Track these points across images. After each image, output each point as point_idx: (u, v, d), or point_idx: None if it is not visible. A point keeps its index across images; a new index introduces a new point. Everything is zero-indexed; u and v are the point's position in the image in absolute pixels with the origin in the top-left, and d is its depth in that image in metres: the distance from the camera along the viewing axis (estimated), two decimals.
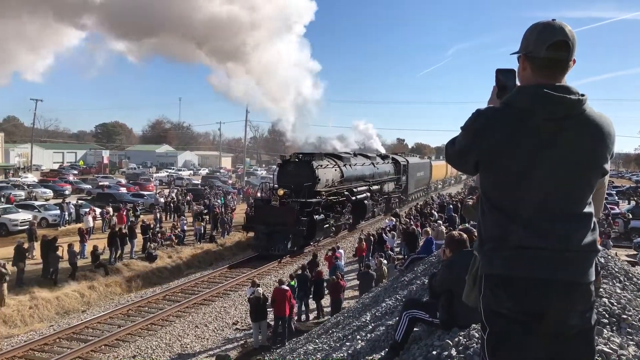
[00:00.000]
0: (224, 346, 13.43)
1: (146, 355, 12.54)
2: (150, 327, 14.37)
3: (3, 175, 67.09)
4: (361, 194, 30.19)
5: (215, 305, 16.41)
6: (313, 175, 24.49)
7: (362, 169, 31.80)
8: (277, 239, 22.62)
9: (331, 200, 26.11)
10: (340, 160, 29.30)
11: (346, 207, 28.24)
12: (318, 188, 24.76)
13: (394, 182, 38.62)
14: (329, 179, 26.41)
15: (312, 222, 23.40)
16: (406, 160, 42.58)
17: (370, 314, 8.48)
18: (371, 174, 33.19)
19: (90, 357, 12.23)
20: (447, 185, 66.31)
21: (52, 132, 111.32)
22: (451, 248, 4.95)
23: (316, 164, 25.28)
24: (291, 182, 24.14)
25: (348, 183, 28.94)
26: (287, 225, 22.50)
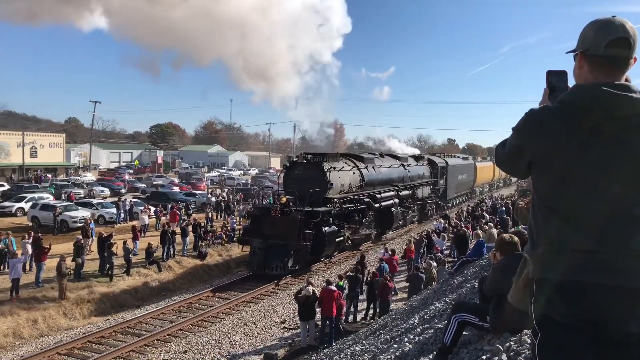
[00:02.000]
0: (271, 344, 13.56)
1: (196, 351, 12.82)
2: (201, 323, 14.69)
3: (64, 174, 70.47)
4: (387, 200, 26.42)
5: (263, 304, 16.61)
6: (324, 180, 21.20)
7: (389, 171, 28.30)
8: (275, 255, 19.09)
9: (347, 208, 22.53)
10: (361, 162, 25.78)
11: (367, 216, 24.72)
12: (330, 194, 21.49)
13: (430, 186, 34.97)
14: (346, 184, 23.15)
15: (321, 235, 20.03)
16: (445, 161, 38.67)
17: (418, 316, 8.38)
18: (400, 177, 29.57)
19: (144, 351, 12.61)
20: (494, 188, 60.73)
21: (109, 132, 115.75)
22: (502, 251, 4.82)
23: (328, 166, 21.89)
24: (298, 188, 20.86)
25: (370, 188, 25.43)
26: (289, 239, 19.17)
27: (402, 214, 29.51)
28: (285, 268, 18.98)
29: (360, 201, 23.61)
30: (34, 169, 68.30)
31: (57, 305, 16.17)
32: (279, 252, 19.06)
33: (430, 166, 35.39)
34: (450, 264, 15.30)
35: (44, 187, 47.50)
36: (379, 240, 26.95)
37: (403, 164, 30.73)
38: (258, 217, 20.88)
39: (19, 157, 67.75)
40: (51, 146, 73.45)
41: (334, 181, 21.75)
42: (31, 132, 76.02)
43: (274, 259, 18.98)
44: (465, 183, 44.82)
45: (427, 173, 34.51)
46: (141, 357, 12.23)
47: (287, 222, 19.42)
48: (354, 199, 23.26)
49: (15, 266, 16.94)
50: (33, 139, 72.32)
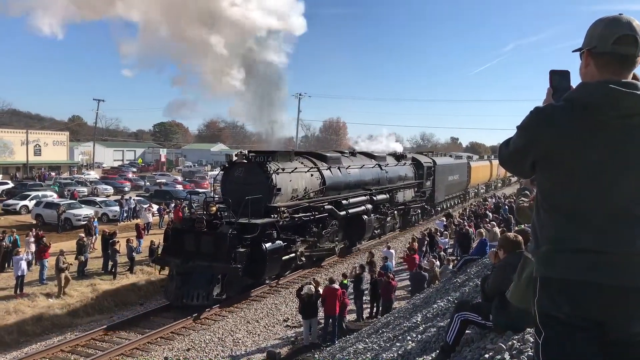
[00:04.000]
0: (274, 343, 13.59)
1: (200, 348, 12.86)
2: (204, 321, 14.72)
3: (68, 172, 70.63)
4: (356, 206, 22.69)
5: (266, 302, 16.64)
6: (268, 184, 17.32)
7: (360, 172, 24.24)
8: (197, 281, 15.15)
9: (301, 218, 18.64)
10: (323, 162, 21.83)
11: (330, 226, 20.90)
12: (277, 201, 17.69)
13: (414, 188, 31.06)
14: (300, 188, 19.34)
15: (261, 254, 15.93)
16: (432, 160, 34.31)
17: (421, 315, 8.39)
18: (375, 179, 25.67)
19: (147, 349, 12.66)
20: (491, 189, 56.54)
21: (112, 131, 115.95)
22: (506, 249, 4.83)
23: (275, 166, 17.99)
24: (237, 194, 16.86)
25: (335, 192, 21.66)
26: (217, 259, 15.17)
27: (378, 221, 25.82)
28: (208, 297, 14.89)
29: (319, 209, 19.77)
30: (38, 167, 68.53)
31: (61, 303, 16.24)
32: (201, 277, 15.12)
33: (414, 166, 31.65)
34: (453, 263, 15.32)
35: (47, 185, 47.61)
36: (348, 253, 23.53)
37: (379, 164, 26.77)
38: (179, 232, 16.54)
39: (22, 155, 67.92)
40: (55, 144, 73.55)
41: (283, 185, 17.98)
42: (35, 130, 76.16)
43: (195, 286, 15.07)
44: (456, 184, 40.63)
45: (411, 174, 30.79)
46: (144, 355, 12.27)
47: (214, 238, 15.48)
48: (311, 207, 19.38)
49: (19, 263, 17.03)
50: (37, 137, 72.44)
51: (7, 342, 13.70)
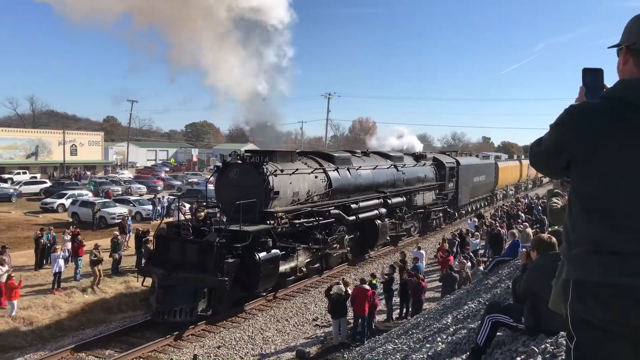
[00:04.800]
0: (304, 342, 13.65)
1: (230, 346, 13.00)
2: (235, 319, 14.88)
3: (103, 172, 72.34)
4: (368, 210, 21.19)
5: (295, 301, 16.71)
6: (264, 186, 15.78)
7: (372, 174, 22.45)
8: (180, 294, 13.45)
9: (302, 224, 17.18)
10: (330, 163, 20.14)
11: (336, 232, 19.49)
12: (274, 205, 16.22)
13: (435, 190, 29.25)
14: (302, 191, 17.76)
15: (254, 265, 14.39)
16: (455, 160, 32.37)
17: (451, 316, 8.31)
18: (390, 181, 23.87)
19: (179, 346, 12.86)
20: (521, 190, 53.70)
21: (145, 131, 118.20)
22: (539, 251, 4.75)
23: (273, 168, 16.38)
24: (232, 198, 15.32)
25: (343, 195, 20.12)
26: (204, 270, 13.75)
27: (394, 226, 24.18)
28: (192, 314, 13.24)
29: (324, 214, 18.26)
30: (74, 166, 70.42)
31: (96, 299, 16.67)
32: (184, 290, 13.50)
33: (435, 167, 29.70)
34: (485, 264, 15.11)
35: (83, 184, 48.91)
36: (361, 260, 21.96)
37: (395, 165, 24.82)
38: (162, 241, 14.88)
39: (60, 155, 69.82)
40: (90, 144, 75.42)
41: (282, 188, 16.42)
42: (71, 130, 78.29)
43: (178, 301, 13.36)
44: (482, 186, 38.25)
45: (431, 175, 28.94)
46: (176, 352, 12.48)
47: (200, 247, 13.99)
48: (314, 212, 17.87)
49: (57, 260, 17.53)
50: (73, 138, 74.40)
51: (46, 336, 14.12)
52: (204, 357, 12.18)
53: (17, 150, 69.62)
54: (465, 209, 35.31)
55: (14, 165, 67.28)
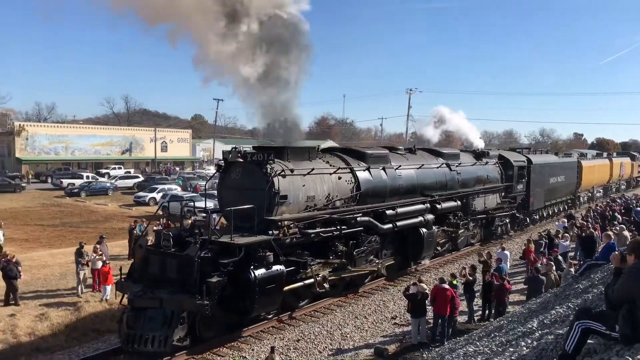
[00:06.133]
0: (382, 339, 13.60)
1: (309, 340, 13.19)
2: (313, 314, 15.07)
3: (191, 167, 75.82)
4: (410, 217, 18.26)
5: (374, 298, 16.67)
6: (266, 189, 13.16)
7: (416, 174, 19.32)
8: (153, 319, 11.22)
9: (319, 234, 14.49)
10: (361, 161, 17.16)
11: (365, 243, 16.42)
12: (281, 211, 13.62)
13: (501, 193, 25.71)
14: (320, 195, 14.95)
15: (248, 284, 11.86)
16: (526, 158, 28.62)
17: (537, 320, 7.97)
18: (440, 183, 20.74)
19: (260, 337, 13.22)
20: (610, 192, 47.10)
21: (230, 128, 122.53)
22: (637, 254, 4.43)
23: (280, 167, 13.75)
24: (233, 202, 13.38)
25: (376, 200, 17.12)
26: (182, 291, 11.39)
27: (446, 234, 21.40)
28: (166, 343, 10.87)
29: (348, 222, 15.53)
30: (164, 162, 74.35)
31: None
32: (158, 313, 11.21)
33: (500, 166, 26.19)
34: (575, 267, 14.36)
35: (172, 179, 51.52)
36: (401, 275, 19.05)
37: (447, 163, 21.70)
38: (141, 252, 12.64)
39: (151, 151, 73.96)
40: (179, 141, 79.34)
41: (291, 191, 13.89)
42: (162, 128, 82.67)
43: (151, 327, 11.10)
44: (561, 188, 33.83)
45: (495, 175, 25.51)
46: (257, 342, 12.83)
47: (180, 262, 11.68)
48: (335, 219, 15.11)
49: None
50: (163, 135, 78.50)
51: None
52: (283, 350, 12.44)
53: (113, 146, 74.66)
54: (538, 214, 31.47)
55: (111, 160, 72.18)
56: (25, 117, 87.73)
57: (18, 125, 66.49)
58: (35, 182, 58.88)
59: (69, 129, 72.16)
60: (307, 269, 14.05)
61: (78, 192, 46.67)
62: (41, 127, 71.77)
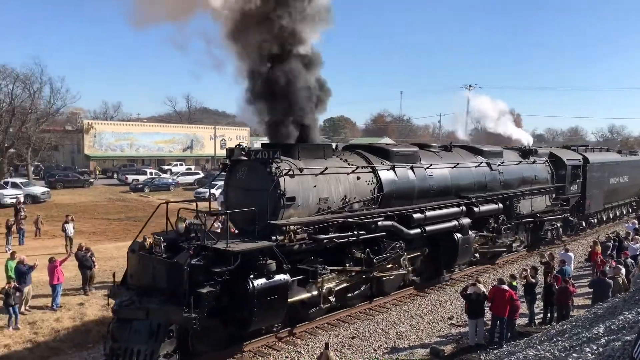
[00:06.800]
0: (438, 339, 13.41)
1: (363, 338, 13.17)
2: (368, 311, 15.04)
3: None
4: (442, 221, 16.74)
5: (430, 298, 16.45)
6: (271, 190, 12.00)
7: (450, 174, 17.75)
8: (139, 331, 10.27)
9: (332, 240, 13.10)
10: (385, 159, 15.67)
11: (387, 250, 14.81)
12: (288, 214, 12.44)
13: (551, 194, 23.75)
14: (334, 197, 13.63)
15: (246, 295, 10.80)
16: (582, 157, 26.26)
17: (604, 326, 7.64)
18: (478, 183, 19.11)
19: (315, 332, 13.32)
20: None
21: None
22: None
23: (287, 166, 12.54)
24: (238, 203, 12.68)
25: (401, 202, 15.65)
26: (171, 302, 10.38)
27: (485, 240, 19.64)
28: (152, 358, 10.01)
29: (367, 226, 14.18)
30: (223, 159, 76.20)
31: None
32: (144, 325, 10.33)
33: (550, 165, 24.18)
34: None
35: None
36: (433, 284, 17.54)
37: (488, 162, 20.00)
38: (134, 258, 11.77)
39: (211, 149, 75.99)
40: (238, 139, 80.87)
41: (301, 193, 12.68)
42: (221, 126, 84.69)
43: (136, 339, 10.23)
44: (624, 189, 30.79)
45: (544, 175, 23.58)
46: (312, 338, 12.93)
47: (170, 269, 10.72)
48: (352, 223, 13.78)
49: None
50: (223, 133, 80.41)
51: None
52: (337, 346, 12.48)
53: (175, 144, 77.23)
54: (596, 217, 28.77)
55: (173, 157, 74.69)
56: (93, 116, 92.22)
57: (87, 124, 70.01)
58: (102, 178, 61.78)
59: (133, 127, 75.26)
60: (317, 278, 12.61)
61: (142, 188, 48.66)
62: (108, 125, 75.26)
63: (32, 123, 47.74)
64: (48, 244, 25.07)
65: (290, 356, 11.88)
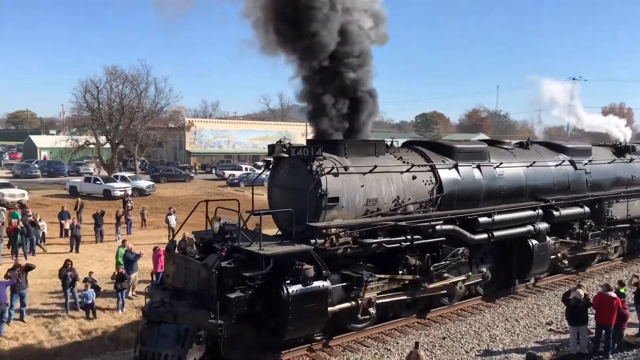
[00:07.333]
0: (535, 345, 12.77)
1: (455, 339, 12.85)
2: (460, 312, 14.65)
3: None
4: (513, 226, 15.24)
5: (527, 301, 15.71)
6: (310, 190, 11.16)
7: (524, 173, 16.06)
8: (166, 335, 10.00)
9: (381, 245, 12.09)
10: (447, 157, 14.35)
11: (450, 256, 13.51)
12: (331, 216, 11.57)
13: None
14: (385, 198, 12.52)
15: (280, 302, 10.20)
16: None
17: None
18: (560, 184, 17.22)
19: (405, 331, 13.17)
20: None
21: (377, 122, 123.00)
22: None
23: (330, 164, 11.59)
24: (281, 203, 12.41)
25: (465, 204, 14.23)
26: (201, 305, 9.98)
27: (567, 247, 17.64)
28: None
29: (424, 230, 12.91)
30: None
31: None
32: (172, 329, 10.01)
33: None
34: None
35: None
36: (505, 294, 16.05)
37: (572, 160, 18.02)
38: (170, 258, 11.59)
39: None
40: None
41: (345, 193, 11.76)
42: None
43: (164, 344, 9.95)
44: None
45: None
46: (402, 336, 12.81)
47: (198, 271, 10.37)
48: (406, 227, 12.54)
49: None
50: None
51: None
52: (428, 346, 12.27)
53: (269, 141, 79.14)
54: None
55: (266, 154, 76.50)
56: (193, 114, 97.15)
57: (188, 121, 73.91)
58: (201, 173, 64.94)
59: (230, 125, 78.41)
60: (362, 285, 11.64)
61: (238, 183, 50.54)
62: (207, 122, 78.98)
63: (139, 121, 51.04)
64: (153, 234, 26.79)
65: (379, 353, 11.84)
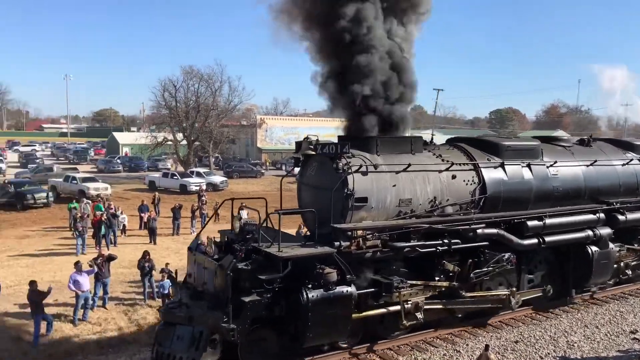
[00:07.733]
0: (617, 354, 12.07)
1: (529, 343, 12.39)
2: (534, 316, 14.11)
3: None
4: (568, 230, 13.91)
5: (609, 307, 14.88)
6: (335, 189, 10.50)
7: (583, 174, 14.64)
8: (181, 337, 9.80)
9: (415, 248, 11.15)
10: (491, 155, 13.28)
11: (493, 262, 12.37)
12: (358, 217, 10.87)
13: None
14: (421, 198, 11.65)
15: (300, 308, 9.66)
16: None
17: None
18: (626, 185, 15.69)
19: (475, 333, 12.85)
20: None
21: (450, 119, 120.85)
22: None
23: (358, 162, 10.91)
24: (308, 202, 11.96)
25: (512, 206, 12.96)
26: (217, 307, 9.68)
27: (634, 255, 16.08)
28: None
29: (464, 234, 11.89)
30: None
31: None
32: (186, 332, 9.79)
33: None
34: None
35: None
36: (559, 305, 14.68)
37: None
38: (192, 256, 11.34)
39: None
40: None
41: (374, 193, 11.02)
42: None
43: (179, 346, 9.75)
44: None
45: None
46: (472, 338, 12.50)
47: (213, 272, 10.09)
48: (444, 230, 11.63)
49: None
50: None
51: None
52: (499, 349, 11.90)
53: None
54: None
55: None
56: (265, 111, 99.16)
57: (259, 119, 75.64)
58: (272, 169, 66.16)
59: (300, 122, 79.29)
60: (391, 291, 10.78)
61: None
62: (277, 120, 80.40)
63: (213, 118, 52.80)
64: (226, 228, 27.55)
65: (448, 354, 11.61)
